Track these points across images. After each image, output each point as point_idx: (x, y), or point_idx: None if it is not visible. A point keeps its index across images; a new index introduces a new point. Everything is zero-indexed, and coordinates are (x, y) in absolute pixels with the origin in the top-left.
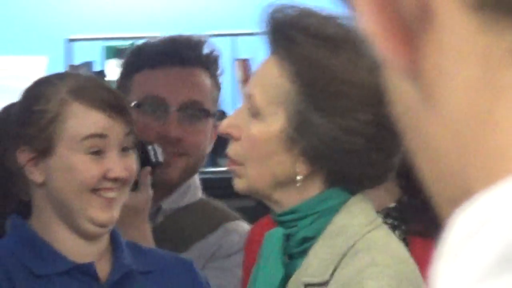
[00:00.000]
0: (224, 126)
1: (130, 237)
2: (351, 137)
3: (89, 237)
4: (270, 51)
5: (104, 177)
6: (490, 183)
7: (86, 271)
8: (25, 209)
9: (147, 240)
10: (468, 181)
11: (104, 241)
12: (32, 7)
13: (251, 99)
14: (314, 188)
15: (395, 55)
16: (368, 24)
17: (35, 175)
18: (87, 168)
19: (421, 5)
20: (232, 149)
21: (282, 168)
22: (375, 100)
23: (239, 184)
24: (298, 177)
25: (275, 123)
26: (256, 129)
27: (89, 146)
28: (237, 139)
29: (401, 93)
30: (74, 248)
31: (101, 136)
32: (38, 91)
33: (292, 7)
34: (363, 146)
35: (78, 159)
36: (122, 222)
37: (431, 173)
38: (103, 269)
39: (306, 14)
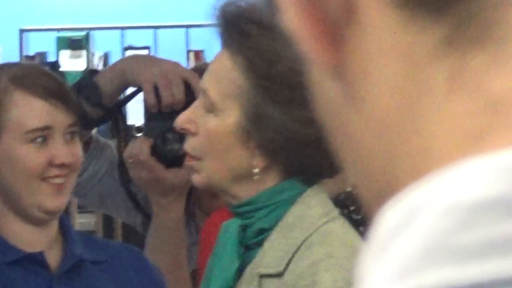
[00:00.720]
0: (180, 121)
1: (162, 217)
2: (307, 128)
3: (38, 224)
4: (222, 44)
5: (50, 164)
6: (416, 180)
7: (36, 260)
8: None
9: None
10: (395, 180)
11: (54, 229)
12: None
13: (206, 94)
14: (271, 180)
15: (320, 53)
16: (292, 21)
17: None
18: (32, 157)
19: (344, 3)
20: (189, 144)
21: (239, 162)
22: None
23: (197, 179)
24: (255, 170)
25: (230, 117)
26: (212, 123)
27: (33, 137)
28: (194, 134)
29: (326, 92)
30: (23, 237)
31: (44, 129)
32: None
33: (240, 1)
34: (319, 137)
35: (23, 149)
36: (157, 201)
37: (358, 171)
38: (54, 259)
39: (259, 6)
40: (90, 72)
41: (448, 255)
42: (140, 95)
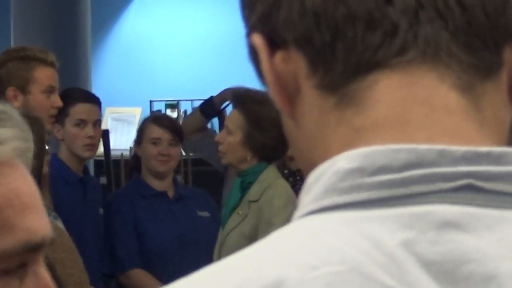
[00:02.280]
0: (217, 138)
1: None
2: (270, 141)
3: (161, 178)
4: (233, 107)
5: (158, 153)
6: (322, 162)
7: (163, 194)
8: None
9: None
10: (314, 162)
11: (169, 180)
12: (136, 80)
13: (227, 127)
14: (253, 162)
15: (284, 107)
16: (272, 92)
17: None
18: (151, 148)
19: (296, 86)
20: (220, 148)
21: (241, 155)
22: (279, 124)
23: (223, 161)
24: (248, 158)
25: (237, 136)
26: (229, 139)
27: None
28: (222, 144)
29: (287, 124)
30: (156, 183)
31: (157, 139)
32: None
33: (240, 88)
34: (274, 144)
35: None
36: None
37: (300, 158)
38: (170, 194)
39: (247, 90)
40: (211, 97)
41: (333, 192)
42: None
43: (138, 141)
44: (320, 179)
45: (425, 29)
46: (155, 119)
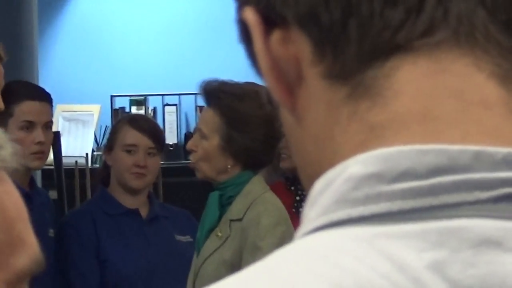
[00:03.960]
0: (188, 145)
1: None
2: (255, 143)
3: (133, 194)
4: (207, 105)
5: (134, 165)
6: (331, 166)
7: (134, 212)
8: None
9: None
10: (321, 166)
11: (144, 197)
12: (93, 72)
13: (200, 130)
14: (235, 171)
15: (283, 100)
16: (270, 83)
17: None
18: (125, 160)
19: (297, 73)
20: (193, 157)
21: (220, 164)
22: (265, 123)
23: (199, 175)
24: (229, 167)
25: (214, 141)
26: (204, 145)
27: (127, 149)
28: (195, 151)
29: (287, 120)
30: (127, 200)
31: (133, 145)
32: None
33: (214, 81)
34: (261, 147)
35: (122, 154)
36: None
37: (302, 163)
38: (144, 213)
39: (223, 83)
40: None
41: (346, 203)
42: None
43: (109, 146)
44: (329, 188)
45: (458, 5)
46: (132, 120)
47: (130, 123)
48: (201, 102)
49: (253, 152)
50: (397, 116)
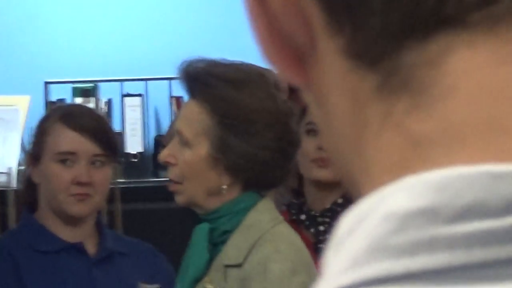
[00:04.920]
0: (163, 156)
1: None
2: (262, 151)
3: (73, 223)
4: (189, 95)
5: (73, 182)
6: (365, 189)
7: (77, 248)
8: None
9: None
10: (351, 177)
11: (90, 226)
12: (16, 51)
13: (180, 134)
14: (233, 193)
15: (293, 77)
16: (272, 56)
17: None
18: (60, 175)
19: (310, 43)
20: (171, 173)
21: (210, 182)
22: (276, 121)
23: (180, 199)
24: (224, 187)
25: (201, 149)
26: (188, 155)
27: (62, 158)
28: (174, 165)
29: (311, 103)
30: (66, 231)
31: (70, 153)
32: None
33: (200, 61)
34: (271, 157)
35: (54, 167)
36: None
37: (334, 159)
38: (91, 249)
39: (213, 64)
40: None
41: (385, 252)
42: None
43: (35, 155)
44: (360, 228)
45: None
46: (66, 115)
47: (63, 120)
48: (179, 91)
49: (260, 165)
50: (451, 126)
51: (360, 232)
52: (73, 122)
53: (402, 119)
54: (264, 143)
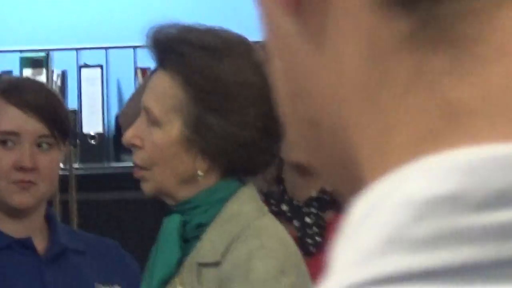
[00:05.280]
0: (128, 137)
1: None
2: (245, 131)
3: (18, 216)
4: (158, 66)
5: (15, 167)
6: (379, 168)
7: (25, 245)
8: None
9: None
10: (349, 161)
11: (39, 219)
12: None
13: (148, 111)
14: (211, 180)
15: None
16: None
17: None
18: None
19: None
20: (138, 157)
21: (184, 167)
22: (261, 96)
23: (147, 188)
24: (199, 173)
25: (173, 129)
26: (158, 136)
27: (1, 139)
28: (141, 148)
29: (281, 31)
30: (10, 226)
31: (12, 133)
32: None
33: (172, 26)
34: (255, 138)
35: None
36: None
37: (307, 135)
38: (41, 245)
39: (187, 30)
40: None
41: (401, 245)
42: None
43: None
44: (374, 216)
45: None
46: (8, 89)
47: (5, 95)
48: (145, 61)
49: (241, 147)
50: (496, 96)
51: (374, 221)
52: (16, 97)
53: (438, 80)
54: (247, 121)
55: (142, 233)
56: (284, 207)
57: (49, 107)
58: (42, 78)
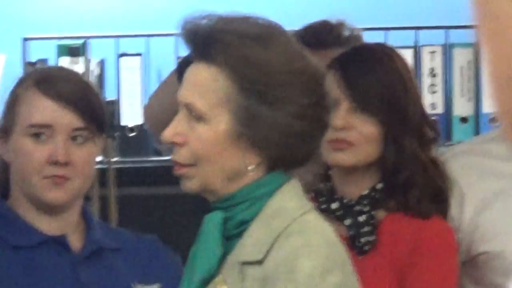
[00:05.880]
0: (168, 136)
1: None
2: (298, 121)
3: (51, 212)
4: (198, 57)
5: (48, 161)
6: None
7: (59, 243)
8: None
9: None
10: None
11: (74, 216)
12: None
13: (191, 107)
14: (259, 174)
15: None
16: None
17: None
18: (33, 152)
19: None
20: (179, 155)
21: (232, 163)
22: (312, 83)
23: (190, 185)
24: (250, 167)
25: (221, 123)
26: (203, 132)
27: (34, 132)
28: (182, 145)
29: (503, 14)
30: (44, 222)
31: (45, 126)
32: None
33: (207, 16)
34: (307, 127)
35: (25, 142)
36: None
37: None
38: (76, 243)
39: (227, 19)
40: None
41: None
42: None
43: (5, 129)
44: None
45: None
46: (42, 80)
47: (39, 86)
48: (187, 49)
49: (294, 137)
50: None
51: None
52: (50, 88)
53: None
54: (299, 110)
55: (183, 229)
56: (334, 206)
57: (84, 99)
58: (80, 67)
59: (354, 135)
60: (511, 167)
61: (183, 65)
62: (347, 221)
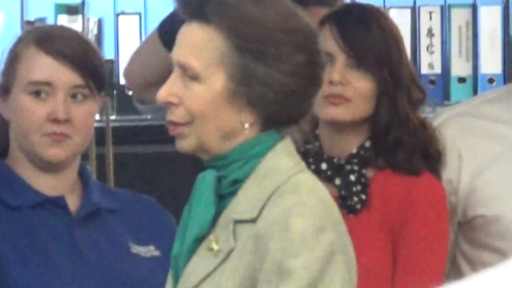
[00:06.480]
0: (163, 96)
1: None
2: (293, 79)
3: (51, 171)
4: (192, 16)
5: (48, 119)
6: None
7: (57, 203)
8: None
9: None
10: None
11: (72, 176)
12: None
13: (186, 66)
14: (253, 133)
15: None
16: None
17: None
18: (32, 109)
19: None
20: (175, 114)
21: (227, 121)
22: (307, 41)
23: (185, 144)
24: (246, 126)
25: (216, 82)
26: (199, 91)
27: (34, 89)
28: (178, 105)
29: None
30: (43, 182)
31: (45, 83)
32: None
33: None
34: (303, 85)
35: (25, 100)
36: None
37: None
38: (73, 204)
39: None
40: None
41: None
42: None
43: (4, 87)
44: None
45: None
46: (42, 38)
47: (38, 43)
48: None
49: (290, 95)
50: None
51: None
52: (50, 45)
53: None
54: (295, 68)
55: (180, 187)
56: (324, 166)
57: (84, 56)
58: (78, 25)
59: (351, 90)
60: (511, 130)
61: (164, 25)
62: (337, 181)
